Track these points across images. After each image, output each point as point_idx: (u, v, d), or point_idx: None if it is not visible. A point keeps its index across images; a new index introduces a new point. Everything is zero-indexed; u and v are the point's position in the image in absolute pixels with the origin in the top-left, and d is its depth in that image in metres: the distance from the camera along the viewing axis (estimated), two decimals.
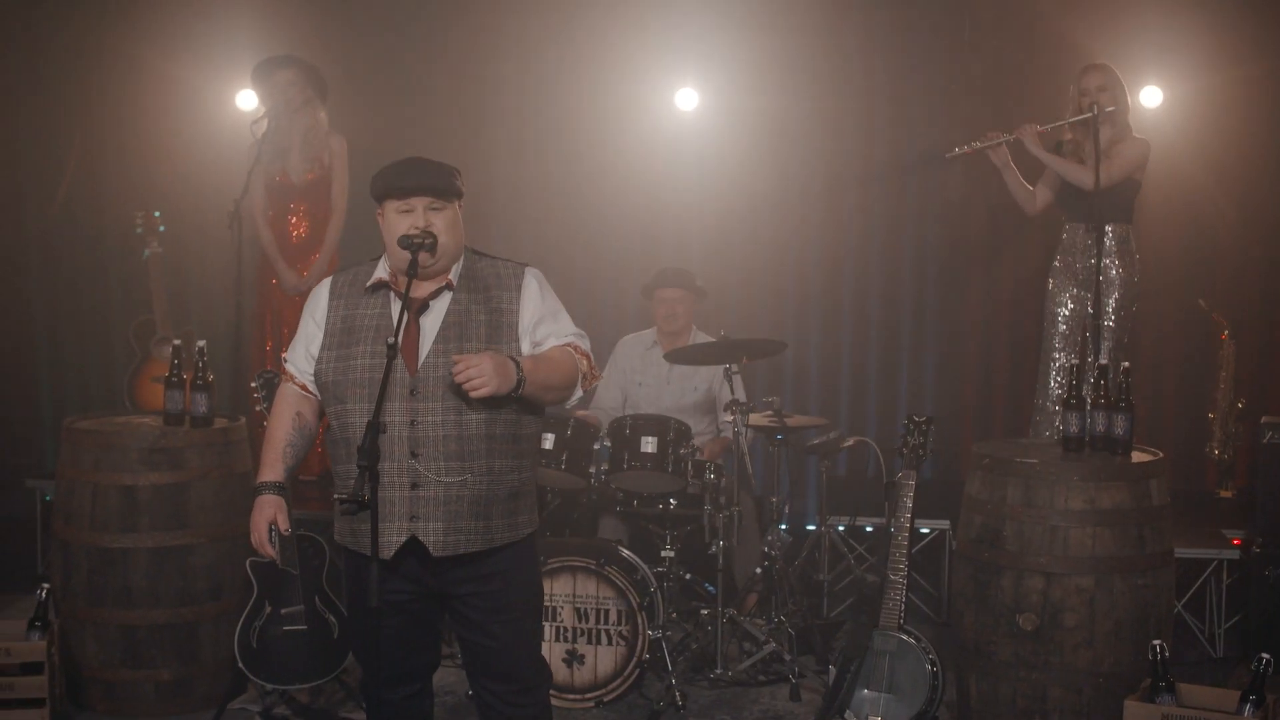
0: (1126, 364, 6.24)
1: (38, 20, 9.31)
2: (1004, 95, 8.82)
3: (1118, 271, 7.47)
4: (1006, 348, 9.13)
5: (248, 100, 9.09)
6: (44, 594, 6.29)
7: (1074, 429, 6.18)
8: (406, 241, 4.28)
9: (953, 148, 7.67)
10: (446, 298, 4.43)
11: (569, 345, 4.51)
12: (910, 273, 9.33)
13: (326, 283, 4.62)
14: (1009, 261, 9.01)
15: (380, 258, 4.54)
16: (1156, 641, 5.44)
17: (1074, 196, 7.56)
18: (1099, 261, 7.31)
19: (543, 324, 4.48)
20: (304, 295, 7.77)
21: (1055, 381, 7.71)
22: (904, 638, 5.95)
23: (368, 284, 4.49)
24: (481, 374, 4.14)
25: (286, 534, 4.50)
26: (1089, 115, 7.32)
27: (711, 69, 9.16)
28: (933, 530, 7.93)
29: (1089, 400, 6.23)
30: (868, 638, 5.99)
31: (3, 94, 9.40)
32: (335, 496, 4.39)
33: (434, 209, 4.39)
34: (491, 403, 4.26)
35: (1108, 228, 7.43)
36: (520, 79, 9.48)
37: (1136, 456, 6.07)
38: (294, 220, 8.25)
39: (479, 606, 4.44)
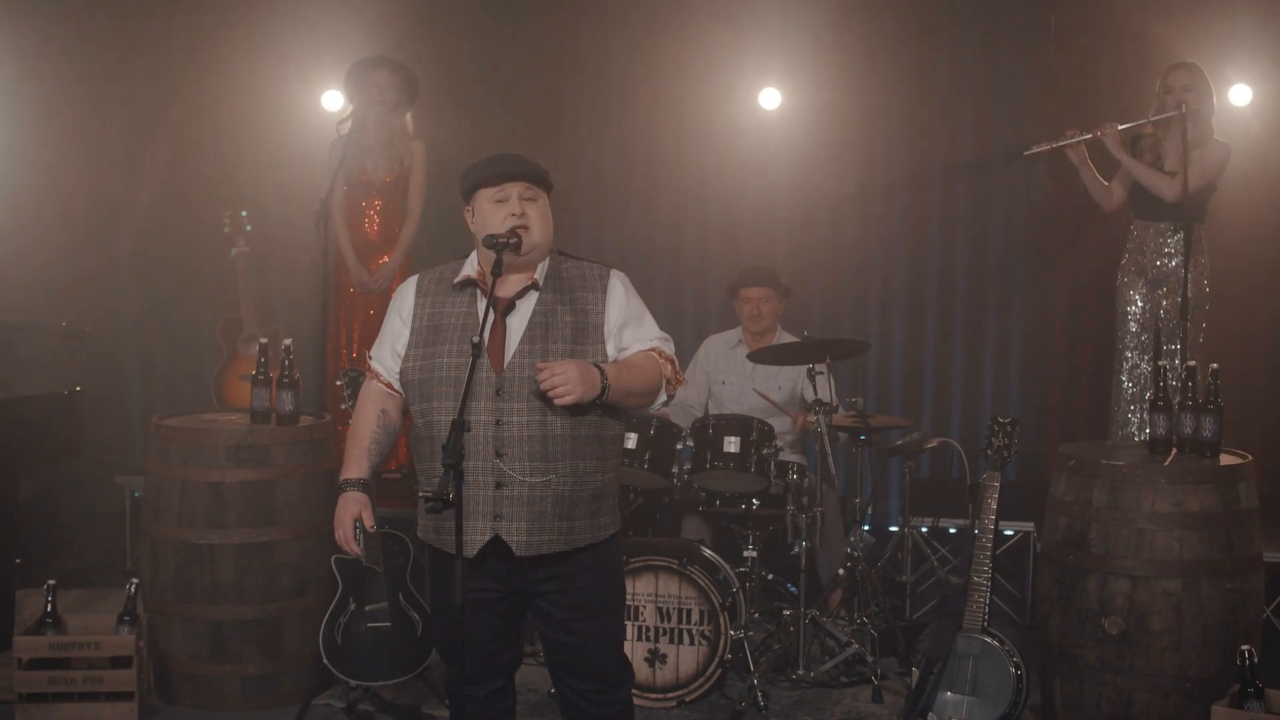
0: (1215, 366, 6.16)
1: (126, 25, 9.41)
2: (1086, 94, 8.71)
3: (1191, 273, 7.39)
4: (1092, 347, 9.02)
5: (333, 101, 9.16)
6: (133, 589, 6.38)
7: (1161, 431, 6.12)
8: (491, 241, 4.30)
9: (1031, 145, 7.62)
10: (533, 298, 4.44)
11: (653, 350, 4.51)
12: (994, 271, 9.27)
13: (413, 281, 4.63)
14: (1094, 259, 8.90)
15: (467, 256, 4.55)
16: (1245, 647, 5.37)
17: (1148, 194, 7.48)
18: (1186, 263, 7.24)
19: (627, 328, 4.48)
20: (374, 294, 7.92)
21: (1129, 381, 7.63)
22: (988, 640, 5.91)
23: (455, 281, 4.51)
24: (566, 381, 4.16)
25: (371, 531, 4.53)
26: (1173, 114, 7.25)
27: (795, 68, 9.13)
28: (1017, 532, 7.88)
29: (1175, 402, 6.16)
30: (951, 640, 5.94)
31: (92, 97, 9.51)
32: (420, 494, 4.41)
33: (528, 198, 4.41)
34: (576, 405, 4.27)
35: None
36: (601, 82, 9.49)
37: (1225, 459, 5.99)
38: (369, 219, 8.29)
39: (562, 604, 4.45)
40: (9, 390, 7.23)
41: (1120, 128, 7.42)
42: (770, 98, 9.18)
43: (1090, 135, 7.46)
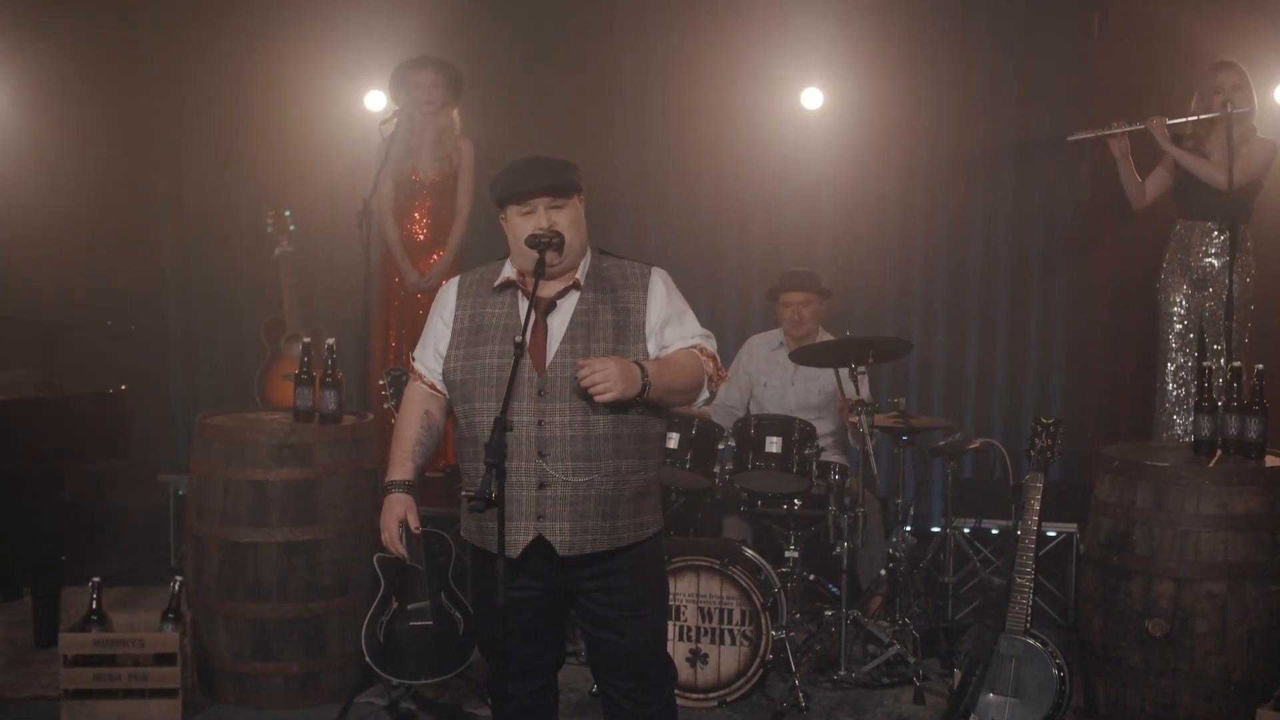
0: (1260, 366, 6.12)
1: (171, 26, 9.48)
2: (1129, 92, 8.67)
3: (1236, 273, 7.35)
4: (1136, 347, 8.96)
5: (376, 101, 9.21)
6: (177, 586, 6.42)
7: (1205, 432, 6.08)
8: (534, 240, 4.30)
9: (1076, 131, 7.61)
10: (574, 297, 4.44)
11: (695, 347, 4.49)
12: (1038, 270, 9.25)
13: (454, 282, 4.65)
14: (1137, 258, 8.84)
15: (507, 257, 4.56)
16: None
17: (1195, 193, 7.45)
18: (1232, 263, 7.20)
19: (669, 325, 4.47)
20: (424, 293, 7.93)
21: (1173, 382, 7.59)
22: (1031, 642, 5.88)
23: (495, 283, 4.52)
24: (607, 379, 4.15)
25: (416, 533, 4.54)
26: (1220, 114, 7.22)
27: (836, 67, 9.12)
28: (1059, 534, 7.85)
29: (1220, 402, 6.13)
30: (994, 641, 5.92)
31: (137, 98, 9.58)
32: (463, 494, 4.42)
33: (555, 208, 4.41)
34: (617, 404, 4.26)
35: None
36: (643, 81, 9.50)
37: (1270, 460, 5.95)
38: (418, 219, 8.31)
39: (605, 603, 4.44)
40: (55, 389, 7.27)
41: (1168, 123, 7.40)
42: (812, 97, 9.18)
43: (1137, 127, 7.44)
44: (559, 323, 4.41)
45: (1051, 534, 7.81)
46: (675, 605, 6.47)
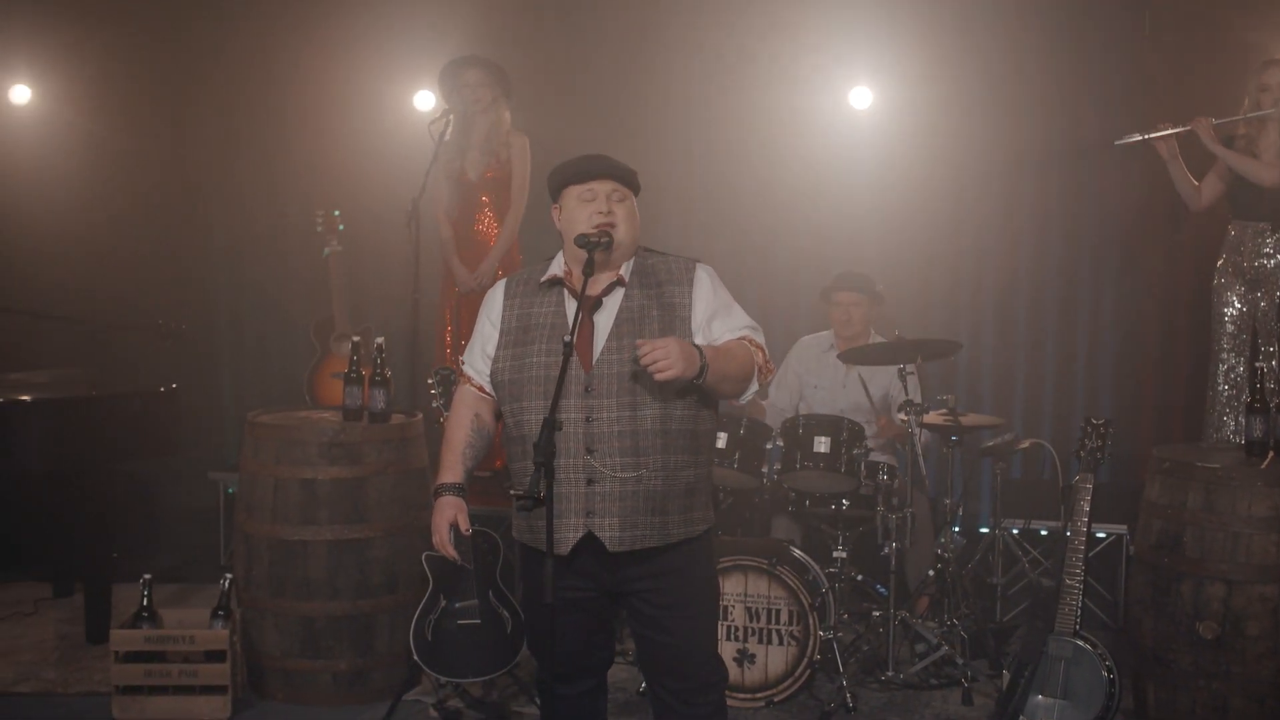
0: None
1: (216, 25, 9.53)
2: (1180, 92, 8.58)
3: None
4: (1187, 347, 8.88)
5: (425, 101, 9.23)
6: (227, 584, 6.46)
7: (1257, 433, 6.04)
8: (583, 240, 4.31)
9: (1123, 135, 7.58)
10: (619, 294, 4.44)
11: (744, 338, 4.49)
12: (1087, 269, 9.18)
13: (501, 284, 4.65)
14: (1189, 258, 8.78)
15: (552, 257, 4.57)
16: None
17: (1246, 194, 7.41)
18: None
19: (716, 318, 4.47)
20: (477, 292, 7.93)
21: (1225, 383, 7.54)
22: (1080, 643, 5.86)
23: (541, 280, 4.53)
24: (668, 356, 4.12)
25: (467, 535, 4.55)
26: (1270, 112, 7.17)
27: (885, 67, 9.08)
28: (1109, 535, 7.81)
29: (1273, 404, 6.09)
30: (1043, 643, 5.90)
31: (186, 97, 9.64)
32: (512, 493, 4.43)
33: (616, 198, 4.42)
34: (666, 398, 4.27)
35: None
36: (692, 82, 9.47)
37: None
38: (474, 217, 8.31)
39: (655, 602, 4.44)
40: (107, 388, 7.33)
41: (1215, 123, 7.35)
42: (861, 96, 9.15)
43: (1183, 129, 7.40)
44: (605, 319, 4.41)
45: (1101, 535, 7.77)
46: (723, 605, 6.46)
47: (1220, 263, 7.61)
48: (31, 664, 6.94)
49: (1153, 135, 7.47)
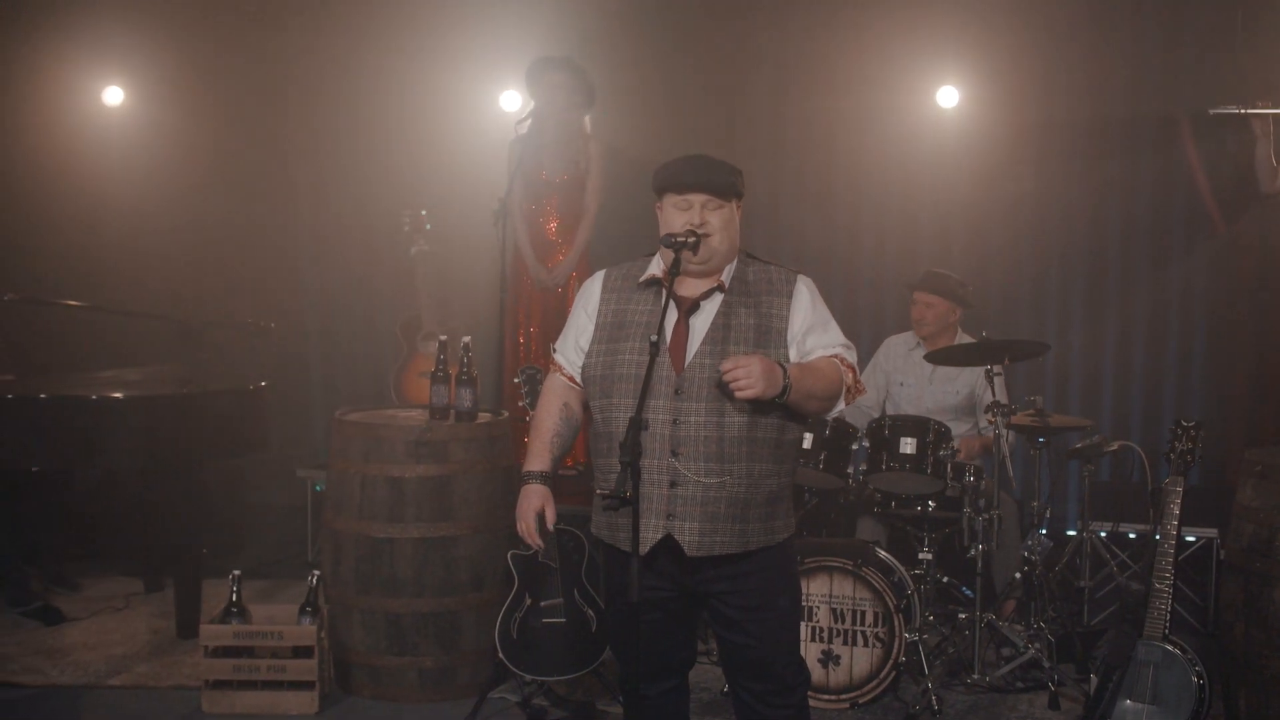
0: None
1: (305, 27, 9.62)
2: (1272, 80, 8.48)
3: None
4: None
5: (511, 101, 9.27)
6: (314, 580, 6.51)
7: None
8: (669, 240, 4.32)
9: (1219, 105, 7.53)
10: (717, 299, 4.44)
11: (835, 357, 4.47)
12: (1177, 269, 9.08)
13: (600, 276, 4.65)
14: None
15: (655, 254, 4.57)
16: None
17: None
18: None
19: (812, 333, 4.45)
20: (550, 292, 7.96)
21: None
22: (1169, 648, 5.79)
23: (640, 279, 4.53)
24: (749, 375, 4.13)
25: (550, 529, 4.56)
26: None
27: (973, 66, 9.04)
28: (1199, 538, 7.72)
29: None
30: (1131, 647, 5.84)
31: (276, 99, 9.74)
32: (597, 491, 4.44)
33: (711, 207, 4.41)
34: (754, 407, 4.26)
35: None
36: (778, 82, 9.47)
37: None
38: (547, 218, 8.33)
39: (737, 605, 4.43)
40: (197, 386, 7.41)
41: None
42: (948, 96, 9.11)
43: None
44: (701, 323, 4.40)
45: (1191, 539, 7.69)
46: (808, 606, 6.46)
47: None
48: (123, 658, 7.04)
49: (1249, 110, 7.41)
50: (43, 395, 7.02)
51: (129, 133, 9.72)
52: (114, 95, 9.76)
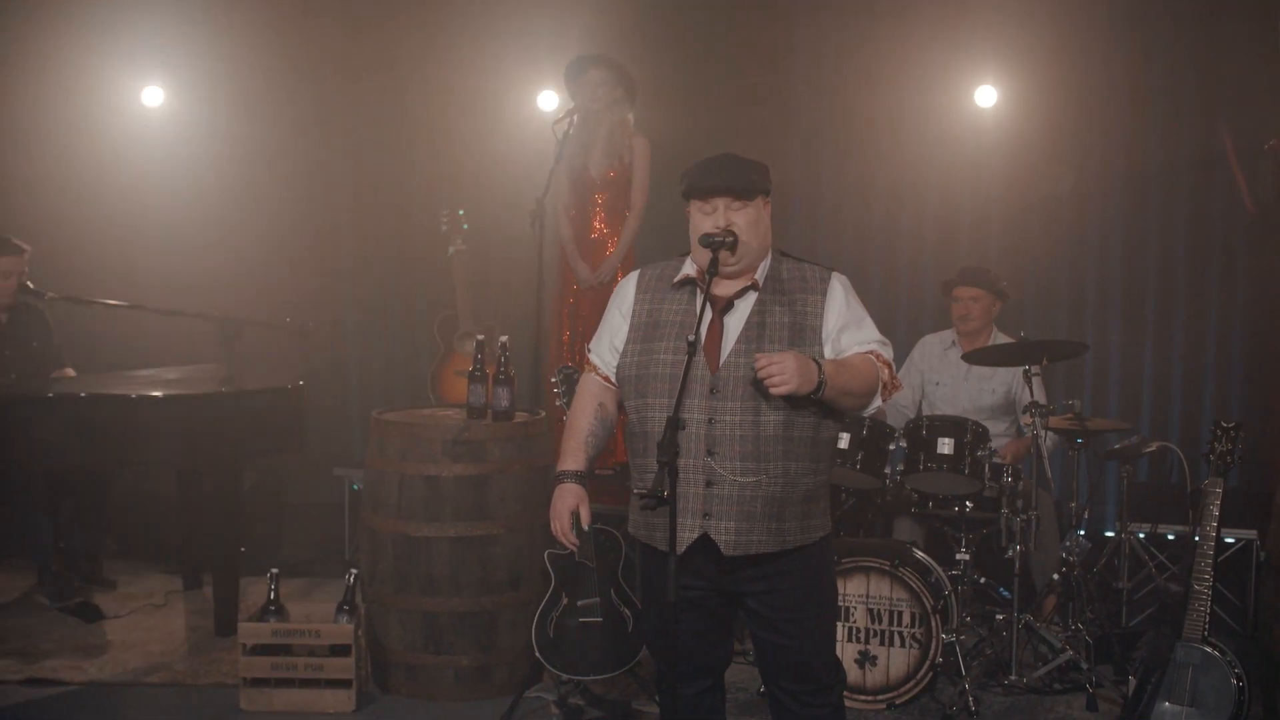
0: None
1: (344, 28, 9.65)
2: None
3: None
4: None
5: (548, 101, 9.29)
6: (352, 579, 6.53)
7: None
8: (707, 240, 4.31)
9: (1272, 139, 7.49)
10: (751, 298, 4.43)
11: (871, 353, 4.45)
12: (1216, 268, 9.03)
13: (634, 276, 4.65)
14: None
15: (688, 254, 4.56)
16: None
17: None
18: None
19: (846, 331, 4.44)
20: (596, 290, 7.96)
21: None
22: (1208, 650, 5.76)
23: (675, 279, 4.52)
24: (784, 371, 4.11)
25: (586, 528, 4.56)
26: None
27: (1011, 65, 9.02)
28: (1239, 540, 7.68)
29: None
30: (1170, 649, 5.81)
31: (311, 100, 9.78)
32: (634, 491, 4.44)
33: (734, 208, 4.40)
34: (790, 405, 4.25)
35: None
36: (817, 79, 9.46)
37: None
38: (592, 216, 8.32)
39: (772, 605, 4.43)
40: (236, 384, 7.45)
41: None
42: (986, 95, 9.10)
43: None
44: (735, 322, 4.40)
45: (1230, 540, 7.65)
46: (844, 606, 6.45)
47: None
48: (162, 655, 7.07)
49: None
50: (83, 394, 7.07)
51: (168, 133, 9.78)
52: (153, 96, 9.81)
